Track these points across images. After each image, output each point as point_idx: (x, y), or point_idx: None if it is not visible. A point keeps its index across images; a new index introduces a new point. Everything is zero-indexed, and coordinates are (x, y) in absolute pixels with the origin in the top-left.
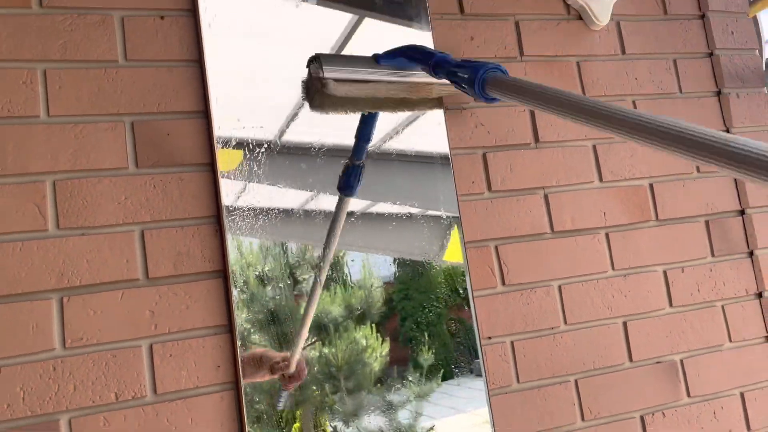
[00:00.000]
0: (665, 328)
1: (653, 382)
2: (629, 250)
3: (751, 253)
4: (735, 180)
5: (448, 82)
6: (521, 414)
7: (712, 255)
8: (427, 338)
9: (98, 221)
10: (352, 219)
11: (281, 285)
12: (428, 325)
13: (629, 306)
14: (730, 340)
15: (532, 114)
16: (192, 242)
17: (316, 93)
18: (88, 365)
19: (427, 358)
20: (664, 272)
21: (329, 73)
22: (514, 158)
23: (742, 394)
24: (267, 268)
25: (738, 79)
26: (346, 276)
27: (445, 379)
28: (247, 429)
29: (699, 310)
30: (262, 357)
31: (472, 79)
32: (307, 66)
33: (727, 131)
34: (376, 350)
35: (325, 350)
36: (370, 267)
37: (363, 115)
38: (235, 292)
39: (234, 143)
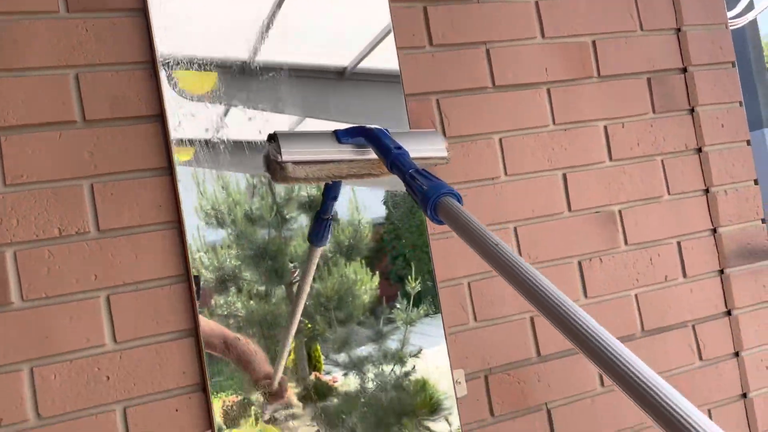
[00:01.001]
0: (604, 180)
1: (591, 231)
2: (570, 106)
3: (692, 110)
4: (678, 37)
5: None
6: (459, 255)
7: (653, 111)
8: (414, 272)
9: (32, 63)
10: None
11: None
12: (418, 262)
13: (569, 159)
14: (669, 193)
15: None
16: (127, 87)
17: (277, 170)
18: (30, 201)
19: (414, 287)
20: (605, 127)
21: (288, 155)
22: (456, 12)
23: (678, 243)
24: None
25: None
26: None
27: (435, 312)
28: (191, 260)
29: (638, 164)
30: (246, 362)
31: (425, 200)
32: (267, 140)
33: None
34: (366, 284)
35: (316, 285)
36: (357, 203)
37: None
38: (173, 135)
39: None
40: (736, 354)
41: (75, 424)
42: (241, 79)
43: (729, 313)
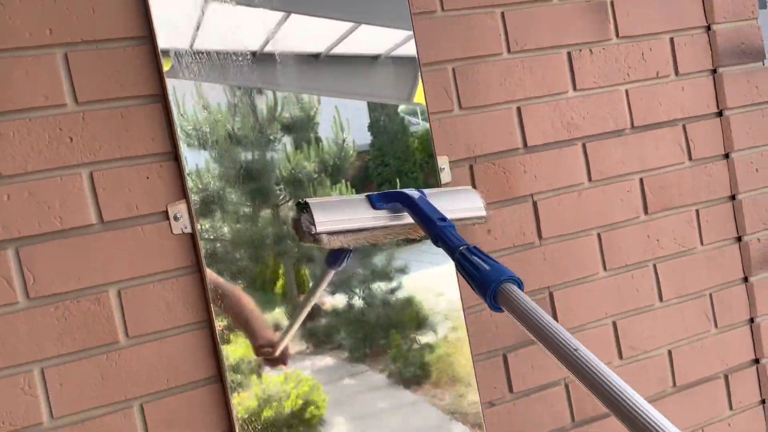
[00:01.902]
0: None
1: (581, 20)
2: None
3: None
4: None
5: None
6: (445, 37)
7: None
8: None
9: None
10: (319, 61)
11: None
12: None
13: None
14: None
15: None
16: None
17: (310, 240)
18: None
19: None
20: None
21: (322, 227)
22: None
23: (671, 39)
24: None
25: None
26: (318, 133)
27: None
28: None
29: None
30: (252, 329)
31: (483, 285)
32: (296, 206)
33: None
34: None
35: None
36: (341, 122)
37: None
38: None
39: None
40: (726, 155)
41: (38, 185)
42: None
43: (720, 113)
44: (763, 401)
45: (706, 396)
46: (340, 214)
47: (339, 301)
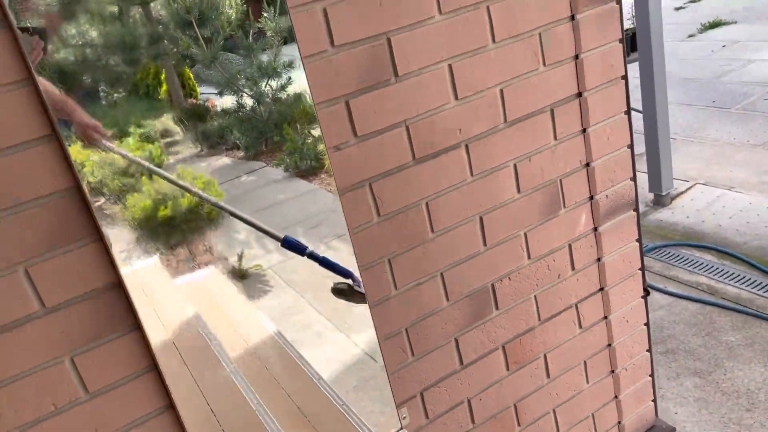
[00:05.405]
0: None
1: None
2: None
3: None
4: None
5: None
6: None
7: None
8: None
9: None
10: None
11: None
12: None
13: None
14: None
15: None
16: None
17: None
18: None
19: None
20: None
21: None
22: None
23: None
24: None
25: None
26: None
27: None
28: None
29: None
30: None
31: None
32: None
33: None
34: None
35: (175, 2)
36: None
37: None
38: None
39: None
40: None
41: None
42: None
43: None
44: (583, 130)
45: (534, 128)
46: None
47: (228, 101)
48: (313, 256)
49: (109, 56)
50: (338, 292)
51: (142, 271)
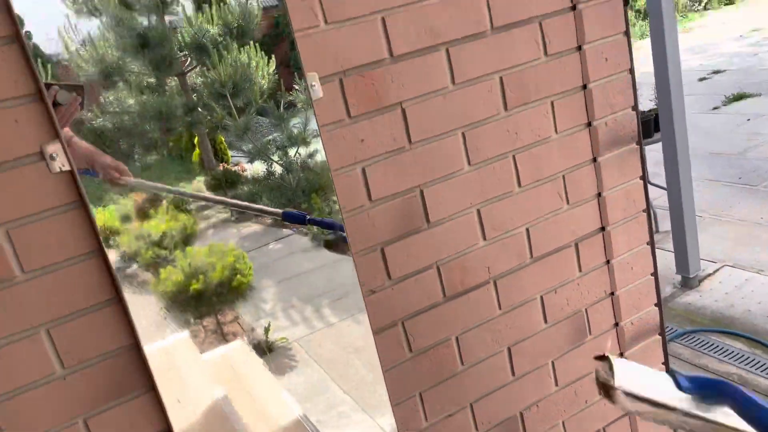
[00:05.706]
0: None
1: None
2: None
3: None
4: None
5: None
6: None
7: None
8: None
9: None
10: None
11: None
12: None
13: None
14: None
15: None
16: None
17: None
18: None
19: None
20: None
21: (621, 382)
22: None
23: None
24: None
25: None
26: None
27: None
28: None
29: None
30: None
31: None
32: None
33: None
34: (263, 68)
35: (210, 73)
36: None
37: None
38: None
39: None
40: (579, 48)
41: None
42: None
43: (574, 8)
44: (607, 261)
45: (560, 262)
46: (641, 378)
47: (258, 168)
48: (314, 221)
49: (145, 124)
50: (329, 244)
51: (171, 348)
